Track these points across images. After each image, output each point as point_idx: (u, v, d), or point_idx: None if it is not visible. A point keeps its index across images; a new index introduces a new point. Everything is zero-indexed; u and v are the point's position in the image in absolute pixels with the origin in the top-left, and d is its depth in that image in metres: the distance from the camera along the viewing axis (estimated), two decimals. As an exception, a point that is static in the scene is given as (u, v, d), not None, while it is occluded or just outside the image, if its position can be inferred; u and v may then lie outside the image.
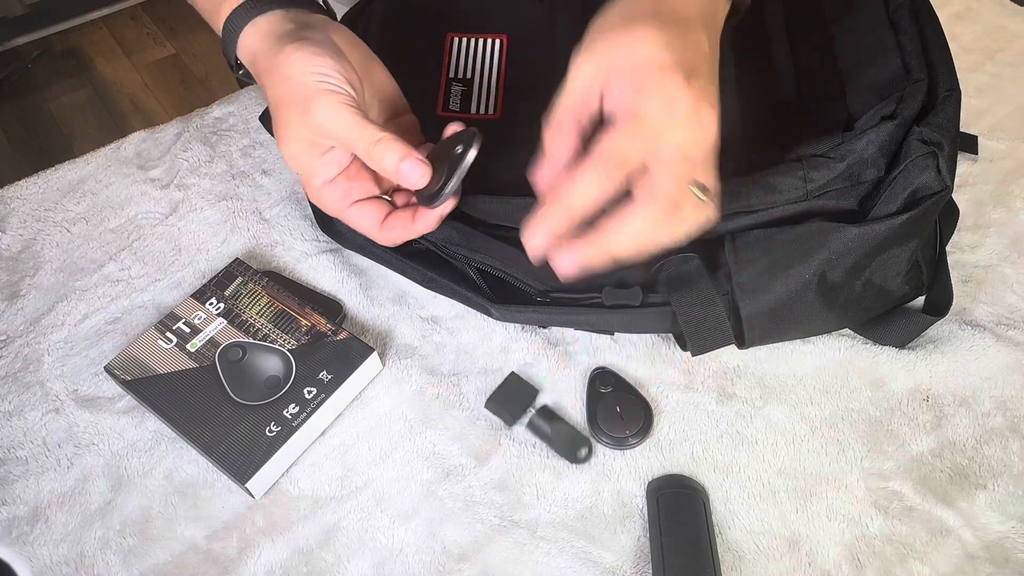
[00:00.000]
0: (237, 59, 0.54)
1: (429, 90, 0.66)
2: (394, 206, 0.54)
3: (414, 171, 0.47)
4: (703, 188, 0.42)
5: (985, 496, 0.53)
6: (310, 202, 0.67)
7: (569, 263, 0.43)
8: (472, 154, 0.45)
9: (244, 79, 0.56)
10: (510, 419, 0.57)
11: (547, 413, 0.57)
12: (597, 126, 0.43)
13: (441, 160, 0.48)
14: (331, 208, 0.52)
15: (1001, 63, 0.79)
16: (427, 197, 0.49)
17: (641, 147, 0.41)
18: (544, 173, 0.44)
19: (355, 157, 0.51)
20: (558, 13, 0.67)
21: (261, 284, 0.63)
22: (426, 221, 0.51)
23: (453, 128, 0.52)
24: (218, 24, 0.53)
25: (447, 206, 0.51)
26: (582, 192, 0.42)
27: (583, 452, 0.55)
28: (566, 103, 0.44)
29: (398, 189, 0.55)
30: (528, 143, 0.47)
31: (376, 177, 0.54)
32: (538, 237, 0.43)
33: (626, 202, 0.42)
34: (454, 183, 0.47)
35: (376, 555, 0.52)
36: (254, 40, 0.51)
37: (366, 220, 0.52)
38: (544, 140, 0.44)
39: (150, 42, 2.37)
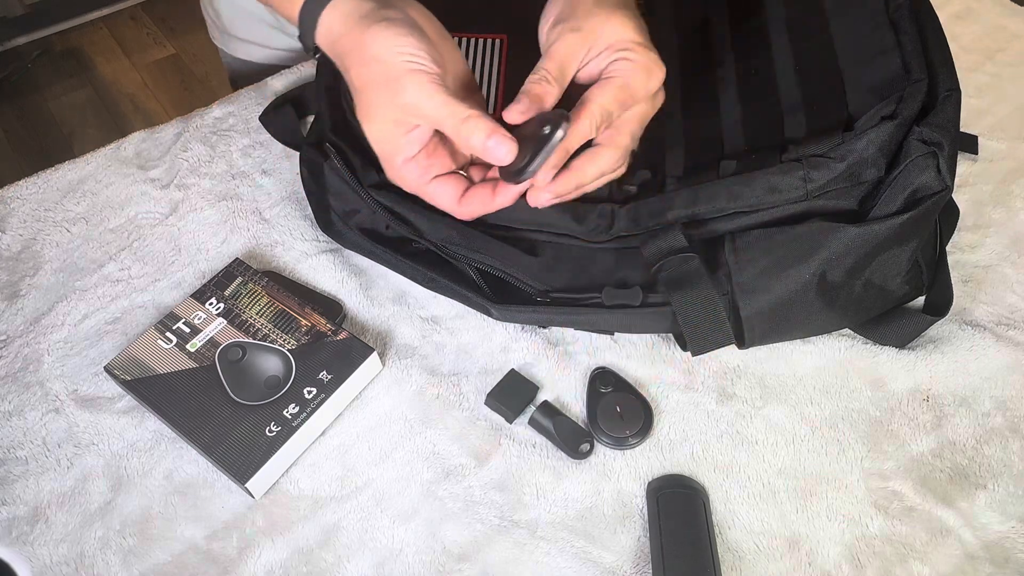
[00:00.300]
0: (315, 45, 0.54)
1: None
2: (471, 181, 0.54)
3: (501, 147, 0.48)
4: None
5: (985, 496, 0.53)
6: (310, 202, 0.67)
7: (547, 198, 0.51)
8: (559, 135, 0.47)
9: (321, 62, 0.56)
10: (510, 415, 0.57)
11: (548, 408, 0.57)
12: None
13: (527, 138, 0.49)
14: (411, 184, 0.52)
15: (1001, 63, 0.79)
16: (512, 173, 0.50)
17: (620, 108, 0.50)
18: (521, 115, 0.49)
19: (435, 134, 0.52)
20: None
21: (261, 284, 0.63)
22: (505, 196, 0.52)
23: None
24: (292, 11, 0.53)
25: (529, 183, 0.51)
26: (577, 139, 0.49)
27: (585, 446, 0.55)
28: (563, 65, 0.50)
29: (473, 163, 0.55)
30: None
31: (453, 153, 0.54)
32: (546, 192, 0.50)
33: (593, 146, 0.51)
34: (539, 160, 0.48)
35: (376, 555, 0.52)
36: (334, 22, 0.51)
37: (446, 195, 0.52)
38: (539, 88, 0.49)
39: (150, 42, 2.37)
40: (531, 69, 0.51)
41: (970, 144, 0.71)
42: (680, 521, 0.51)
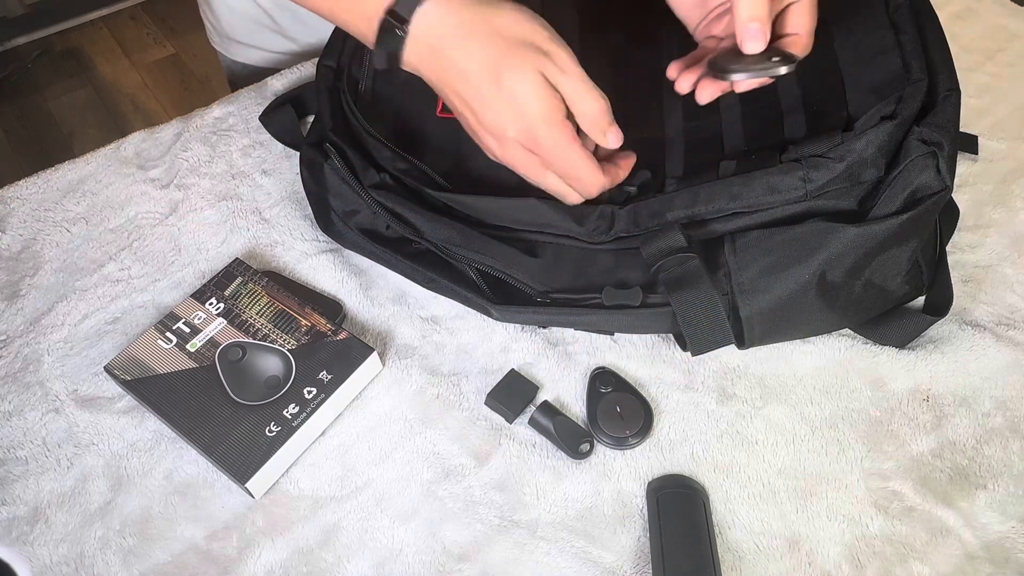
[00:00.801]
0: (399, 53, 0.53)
1: (429, 91, 0.66)
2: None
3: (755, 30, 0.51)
4: None
5: (985, 496, 0.53)
6: (310, 202, 0.67)
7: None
8: (784, 70, 0.51)
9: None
10: (510, 415, 0.57)
11: (548, 408, 0.57)
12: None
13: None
14: (560, 148, 0.52)
15: (1001, 63, 0.79)
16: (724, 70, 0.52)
17: None
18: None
19: None
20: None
21: (261, 284, 0.63)
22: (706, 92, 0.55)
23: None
24: (370, 22, 0.52)
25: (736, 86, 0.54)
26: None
27: (585, 446, 0.55)
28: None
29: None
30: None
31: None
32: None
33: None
34: (751, 74, 0.51)
35: (376, 555, 0.52)
36: (436, 17, 0.51)
37: (588, 158, 0.54)
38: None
39: (150, 42, 2.37)
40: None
41: (970, 144, 0.71)
42: (680, 521, 0.51)
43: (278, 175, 0.73)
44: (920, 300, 0.61)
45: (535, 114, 0.51)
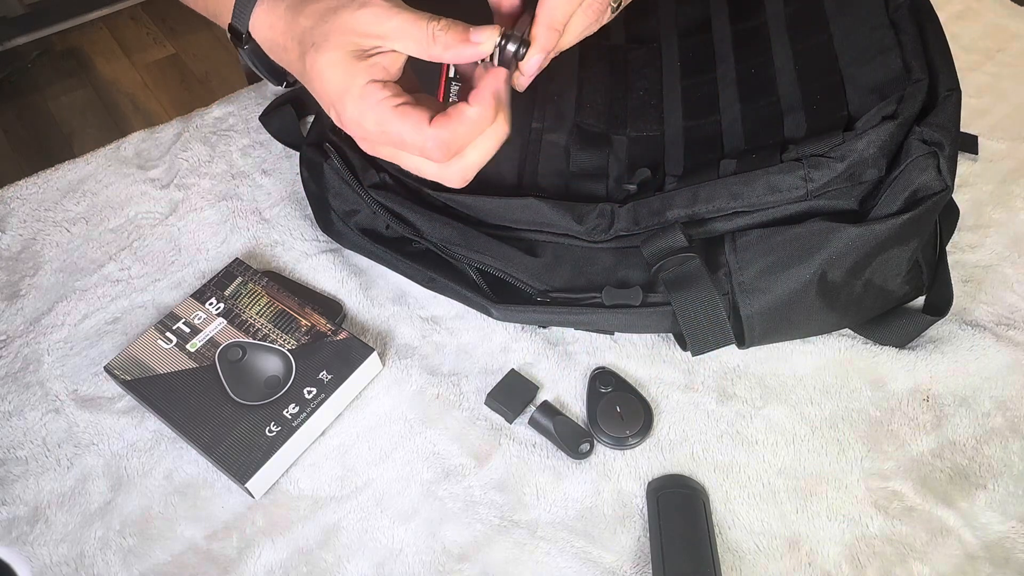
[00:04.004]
0: (246, 33, 0.51)
1: (427, 89, 0.66)
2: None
3: (483, 38, 0.46)
4: None
5: (985, 496, 0.53)
6: (310, 202, 0.67)
7: (535, 63, 0.49)
8: (521, 53, 0.47)
9: (250, 56, 0.53)
10: (510, 415, 0.57)
11: (548, 408, 0.57)
12: None
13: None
14: (374, 117, 0.46)
15: (1001, 63, 0.79)
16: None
17: None
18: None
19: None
20: None
21: (261, 284, 0.63)
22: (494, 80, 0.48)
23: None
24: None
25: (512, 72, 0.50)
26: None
27: (585, 446, 0.55)
28: None
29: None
30: (528, 143, 0.47)
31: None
32: (535, 62, 0.48)
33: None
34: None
35: (376, 555, 0.52)
36: (264, 22, 0.49)
37: (414, 118, 0.46)
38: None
39: (150, 42, 2.37)
40: None
41: (970, 144, 0.71)
42: (680, 521, 0.51)
43: (278, 175, 0.73)
44: (920, 300, 0.61)
45: (334, 91, 0.46)
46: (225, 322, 0.60)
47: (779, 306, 0.54)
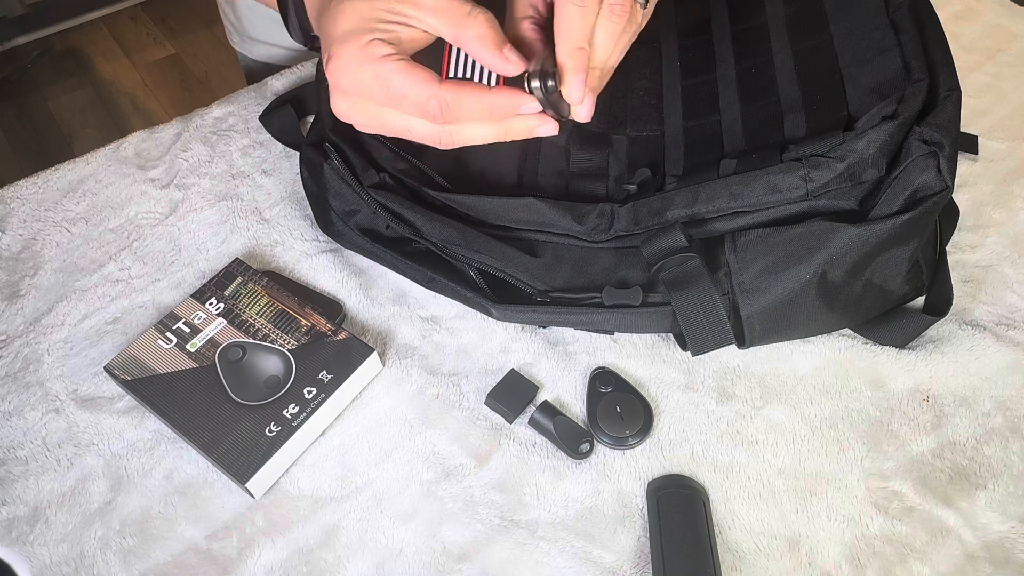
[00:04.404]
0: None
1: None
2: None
3: (512, 61, 0.44)
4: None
5: (985, 496, 0.53)
6: (310, 202, 0.67)
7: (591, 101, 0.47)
8: (551, 86, 0.45)
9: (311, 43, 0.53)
10: (510, 415, 0.57)
11: (548, 408, 0.57)
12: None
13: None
14: (373, 72, 0.44)
15: (1001, 63, 0.79)
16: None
17: None
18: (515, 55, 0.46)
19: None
20: None
21: (261, 284, 0.63)
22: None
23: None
24: None
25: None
26: (577, 21, 0.45)
27: (585, 446, 0.55)
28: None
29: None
30: (527, 143, 0.47)
31: None
32: (577, 88, 0.46)
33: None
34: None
35: (376, 555, 0.52)
36: None
37: (419, 74, 0.44)
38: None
39: (150, 42, 2.37)
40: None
41: (970, 144, 0.71)
42: (680, 521, 0.51)
43: (278, 175, 0.73)
44: (920, 300, 0.61)
45: (342, 31, 0.44)
46: (225, 322, 0.60)
47: (779, 306, 0.54)
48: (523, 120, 0.46)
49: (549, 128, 0.47)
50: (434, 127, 0.46)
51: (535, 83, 0.45)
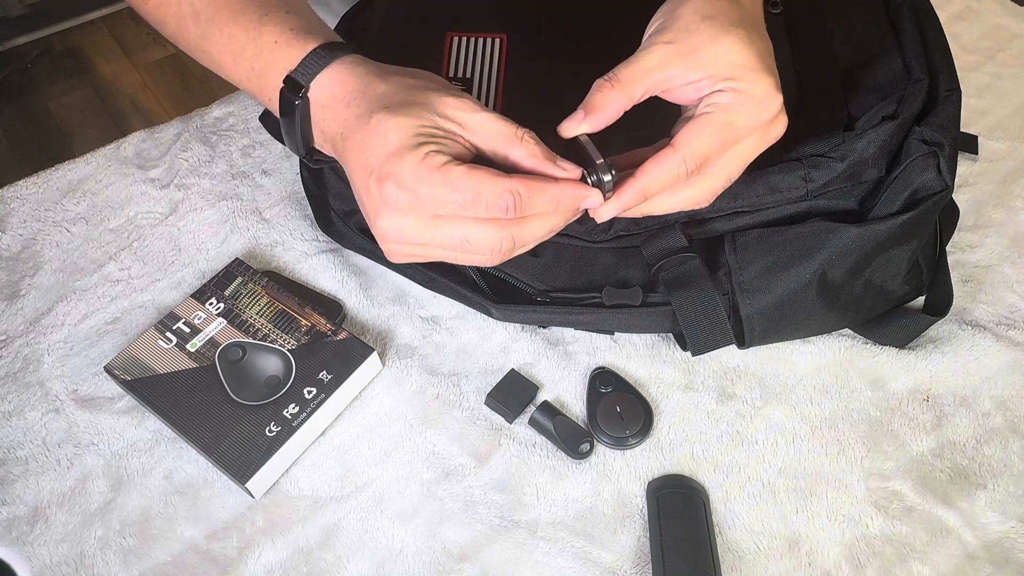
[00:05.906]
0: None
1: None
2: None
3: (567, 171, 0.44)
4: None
5: (985, 496, 0.53)
6: (310, 202, 0.67)
7: (610, 211, 0.47)
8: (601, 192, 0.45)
9: (299, 112, 0.50)
10: (510, 415, 0.57)
11: (548, 408, 0.57)
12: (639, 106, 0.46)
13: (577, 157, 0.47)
14: (438, 179, 0.42)
15: (1001, 63, 0.79)
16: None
17: (719, 150, 0.45)
18: (581, 126, 0.45)
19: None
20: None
21: (261, 284, 0.63)
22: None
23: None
24: (273, 78, 0.50)
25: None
26: (661, 179, 0.45)
27: (585, 446, 0.55)
28: (638, 73, 0.45)
29: None
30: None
31: None
32: (611, 211, 0.46)
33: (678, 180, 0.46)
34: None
35: (376, 555, 0.52)
36: (340, 74, 0.47)
37: (486, 173, 0.42)
38: (600, 96, 0.45)
39: (150, 42, 2.37)
40: (531, 69, 0.48)
41: (970, 144, 0.71)
42: (680, 521, 0.51)
43: (278, 175, 0.73)
44: (920, 300, 0.61)
45: (393, 147, 0.43)
46: (225, 322, 0.60)
47: (779, 306, 0.54)
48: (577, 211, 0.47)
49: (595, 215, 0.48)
50: (497, 232, 0.44)
51: (607, 177, 0.45)
